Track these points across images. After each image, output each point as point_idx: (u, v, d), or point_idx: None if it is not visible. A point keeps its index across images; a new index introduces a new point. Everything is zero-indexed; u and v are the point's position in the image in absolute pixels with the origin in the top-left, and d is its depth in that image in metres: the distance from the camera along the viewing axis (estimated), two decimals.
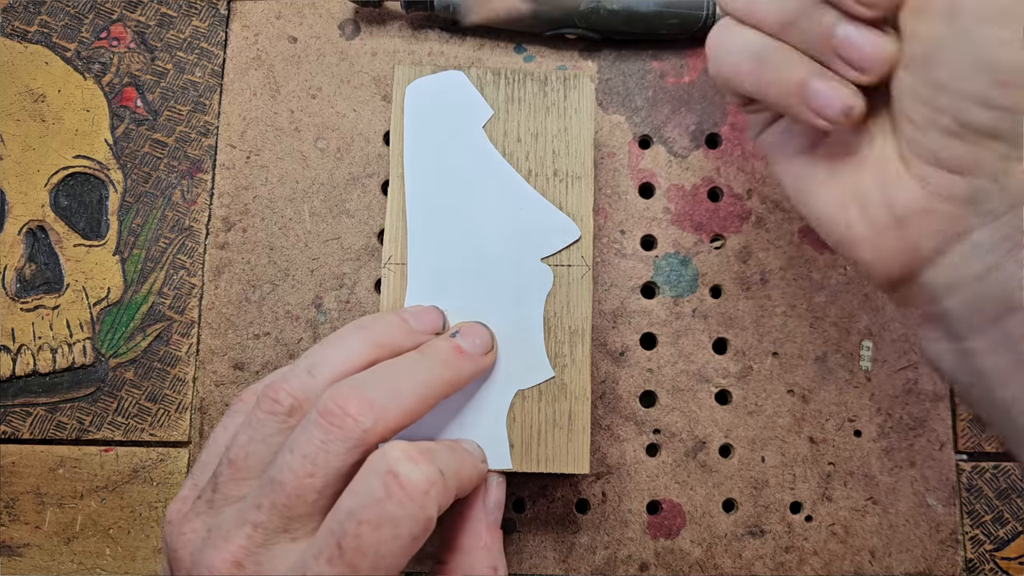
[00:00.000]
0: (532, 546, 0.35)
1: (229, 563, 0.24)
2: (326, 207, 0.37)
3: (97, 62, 0.38)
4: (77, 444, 0.35)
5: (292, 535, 0.24)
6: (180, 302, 0.36)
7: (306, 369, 0.27)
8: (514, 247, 0.32)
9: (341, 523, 0.23)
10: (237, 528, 0.24)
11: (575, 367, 0.31)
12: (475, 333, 0.30)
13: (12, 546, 0.34)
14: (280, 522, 0.24)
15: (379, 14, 0.39)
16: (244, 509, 0.25)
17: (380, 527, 0.23)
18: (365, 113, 0.38)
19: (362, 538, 0.23)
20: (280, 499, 0.24)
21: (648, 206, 0.37)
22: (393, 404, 0.26)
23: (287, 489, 0.24)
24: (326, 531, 0.24)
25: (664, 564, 0.35)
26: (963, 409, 0.36)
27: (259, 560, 0.24)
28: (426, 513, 0.24)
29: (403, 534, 0.23)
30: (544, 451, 0.31)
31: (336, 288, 0.36)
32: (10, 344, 0.36)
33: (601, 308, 0.36)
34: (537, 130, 0.33)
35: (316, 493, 0.24)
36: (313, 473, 0.24)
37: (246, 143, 0.38)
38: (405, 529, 0.23)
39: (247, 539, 0.24)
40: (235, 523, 0.25)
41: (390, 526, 0.23)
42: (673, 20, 0.37)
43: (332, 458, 0.24)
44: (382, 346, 0.28)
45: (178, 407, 0.35)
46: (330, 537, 0.23)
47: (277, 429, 0.26)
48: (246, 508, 0.25)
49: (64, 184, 0.37)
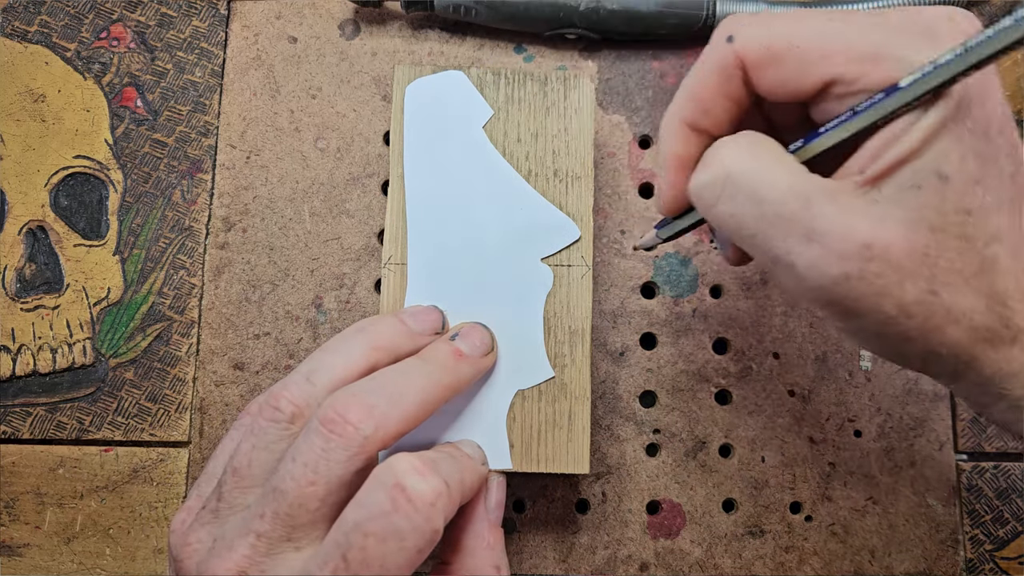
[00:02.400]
0: (532, 546, 0.35)
1: (233, 573, 0.24)
2: (326, 207, 0.37)
3: (97, 62, 0.38)
4: (77, 444, 0.35)
5: (296, 544, 0.24)
6: (180, 302, 0.36)
7: (305, 376, 0.27)
8: (514, 247, 0.32)
9: (347, 535, 0.23)
10: (241, 538, 0.24)
11: (575, 367, 0.31)
12: (475, 335, 0.30)
13: (12, 546, 0.34)
14: (283, 531, 0.24)
15: (379, 14, 0.39)
16: (248, 519, 0.25)
17: (386, 540, 0.23)
18: (365, 113, 0.38)
19: (368, 551, 0.23)
20: (283, 508, 0.24)
21: (648, 206, 0.37)
22: (394, 411, 0.26)
23: (289, 498, 0.24)
24: (331, 542, 0.24)
25: (664, 564, 0.35)
26: (963, 409, 0.36)
27: (263, 569, 0.24)
28: (432, 526, 0.24)
29: (408, 547, 0.23)
30: (544, 451, 0.31)
31: (336, 288, 0.36)
32: (10, 344, 0.36)
33: (601, 308, 0.36)
34: (537, 130, 0.33)
35: (319, 501, 0.24)
36: (315, 481, 0.24)
37: (246, 143, 0.38)
38: (411, 542, 0.23)
39: (251, 548, 0.24)
40: (239, 532, 0.25)
41: (396, 539, 0.23)
42: (673, 20, 0.37)
43: (334, 466, 0.24)
44: (381, 349, 0.28)
45: (178, 407, 0.35)
46: (336, 548, 0.23)
47: (279, 436, 0.26)
48: (250, 517, 0.25)
49: (64, 184, 0.37)
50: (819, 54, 0.23)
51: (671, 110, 0.26)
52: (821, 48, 0.23)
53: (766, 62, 0.23)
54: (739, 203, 0.23)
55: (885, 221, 0.22)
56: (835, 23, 0.23)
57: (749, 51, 0.23)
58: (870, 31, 0.22)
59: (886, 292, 0.22)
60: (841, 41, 0.22)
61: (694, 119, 0.25)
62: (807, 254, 0.22)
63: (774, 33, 0.23)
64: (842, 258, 0.22)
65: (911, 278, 0.22)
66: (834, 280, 0.22)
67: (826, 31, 0.23)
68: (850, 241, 0.22)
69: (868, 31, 0.22)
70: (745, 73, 0.24)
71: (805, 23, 0.23)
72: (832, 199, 0.22)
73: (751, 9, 0.37)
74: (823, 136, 0.23)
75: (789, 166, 0.23)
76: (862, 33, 0.22)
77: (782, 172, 0.23)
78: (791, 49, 0.23)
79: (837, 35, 0.23)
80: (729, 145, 0.24)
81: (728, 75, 0.24)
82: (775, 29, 0.23)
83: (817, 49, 0.23)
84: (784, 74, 0.23)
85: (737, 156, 0.23)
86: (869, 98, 0.22)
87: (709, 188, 0.24)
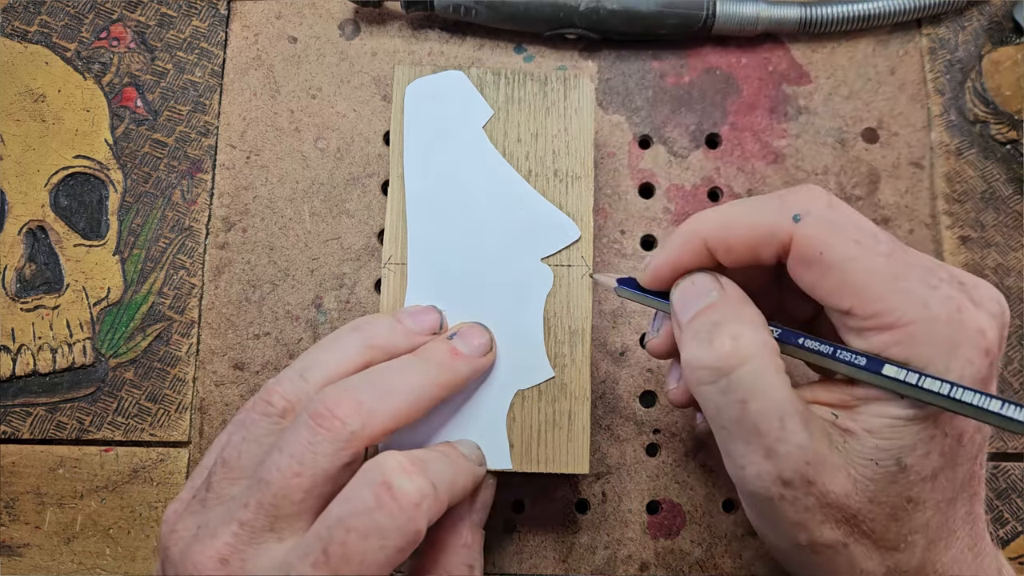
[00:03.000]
0: (532, 546, 0.35)
1: (215, 560, 0.24)
2: (326, 207, 0.37)
3: (97, 62, 0.38)
4: (77, 444, 0.35)
5: (279, 535, 0.24)
6: (180, 302, 0.36)
7: (299, 372, 0.27)
8: (514, 247, 0.32)
9: (330, 529, 0.23)
10: (224, 525, 0.25)
11: (575, 367, 0.31)
12: (473, 334, 0.30)
13: (12, 546, 0.34)
14: (266, 521, 0.24)
15: (379, 14, 0.39)
16: (232, 508, 0.25)
17: (367, 537, 0.23)
18: (365, 113, 0.38)
19: (348, 546, 0.23)
20: (267, 498, 0.24)
21: (648, 206, 0.37)
22: (383, 407, 0.26)
23: (273, 488, 0.24)
24: (314, 535, 0.24)
25: (664, 564, 0.35)
26: None
27: (244, 557, 0.24)
28: (415, 526, 0.24)
29: (389, 545, 0.23)
30: (544, 451, 0.31)
31: (336, 288, 0.36)
32: (10, 344, 0.36)
33: (601, 308, 0.36)
34: (537, 130, 0.33)
35: (303, 493, 0.24)
36: (300, 473, 0.24)
37: (246, 143, 0.38)
38: (392, 541, 0.23)
39: (233, 536, 0.24)
40: (223, 521, 0.25)
41: (377, 536, 0.23)
42: (673, 20, 0.37)
43: (320, 459, 0.24)
44: (376, 348, 0.28)
45: (178, 407, 0.35)
46: (317, 542, 0.23)
47: (269, 430, 0.26)
48: (234, 507, 0.25)
49: (64, 184, 0.37)
50: (860, 293, 0.23)
51: (701, 222, 0.26)
52: (864, 291, 0.23)
53: (811, 262, 0.24)
54: (728, 399, 0.24)
55: (837, 471, 0.23)
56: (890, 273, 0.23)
57: (804, 245, 0.24)
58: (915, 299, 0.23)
59: (806, 526, 0.24)
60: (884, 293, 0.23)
61: (715, 245, 0.26)
62: (759, 466, 0.23)
63: (836, 246, 0.24)
64: (785, 484, 0.23)
65: (834, 524, 0.23)
66: (769, 496, 0.24)
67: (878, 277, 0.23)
68: (798, 472, 0.23)
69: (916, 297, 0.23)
70: (785, 250, 0.25)
71: (869, 257, 0.23)
72: (804, 426, 0.23)
73: (751, 9, 0.37)
74: (804, 350, 0.25)
75: (783, 379, 0.24)
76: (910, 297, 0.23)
77: (777, 385, 0.23)
78: (839, 270, 0.23)
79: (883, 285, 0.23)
80: (746, 338, 0.24)
81: (768, 243, 0.25)
82: (838, 241, 0.24)
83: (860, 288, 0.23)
84: (816, 283, 0.24)
85: (748, 352, 0.24)
86: (853, 353, 0.24)
87: (708, 372, 0.24)
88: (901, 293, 0.23)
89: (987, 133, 0.38)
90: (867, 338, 0.23)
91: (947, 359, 0.22)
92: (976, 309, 0.23)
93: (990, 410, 0.21)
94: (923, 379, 0.22)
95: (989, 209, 0.37)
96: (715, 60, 0.38)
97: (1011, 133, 0.37)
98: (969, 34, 0.39)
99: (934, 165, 0.38)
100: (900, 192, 0.37)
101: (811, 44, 0.39)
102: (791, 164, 0.38)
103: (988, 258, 0.37)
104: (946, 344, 0.22)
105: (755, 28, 0.37)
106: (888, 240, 0.24)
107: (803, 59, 0.39)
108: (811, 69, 0.38)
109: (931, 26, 0.39)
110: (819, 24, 0.37)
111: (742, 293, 0.26)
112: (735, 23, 0.37)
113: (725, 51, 0.38)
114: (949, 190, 0.37)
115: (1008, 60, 0.38)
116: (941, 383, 0.22)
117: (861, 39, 0.39)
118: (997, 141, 0.38)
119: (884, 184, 0.37)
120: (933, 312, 0.22)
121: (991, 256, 0.37)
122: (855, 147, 0.38)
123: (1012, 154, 0.37)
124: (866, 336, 0.23)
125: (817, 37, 0.39)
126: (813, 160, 0.38)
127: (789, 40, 0.39)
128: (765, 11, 0.37)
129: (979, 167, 0.37)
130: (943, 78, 0.38)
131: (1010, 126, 0.38)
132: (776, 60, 0.38)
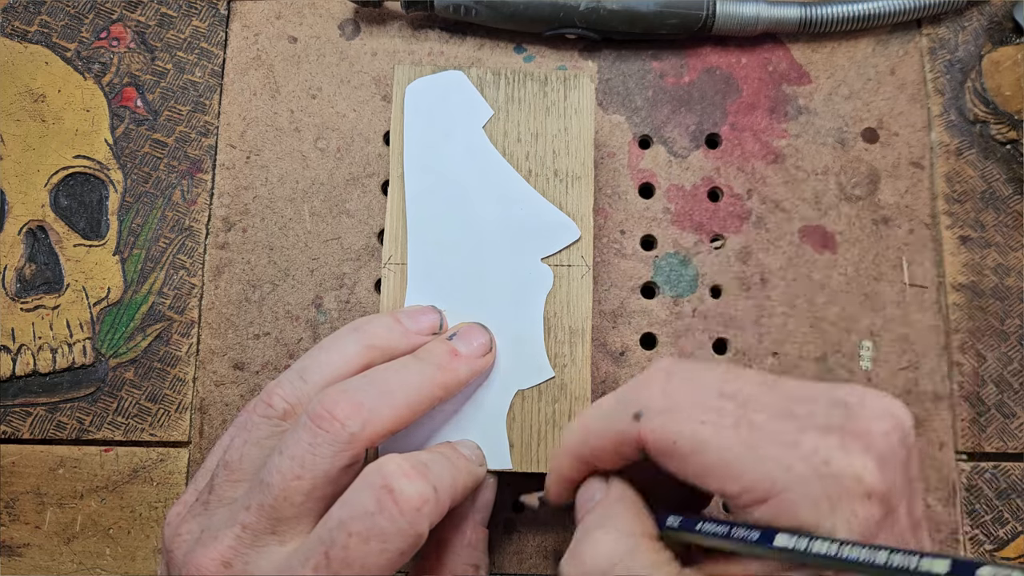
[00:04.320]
0: (532, 546, 0.35)
1: (218, 562, 0.24)
2: (326, 207, 0.37)
3: (97, 62, 0.38)
4: (77, 444, 0.35)
5: (280, 537, 0.24)
6: (180, 302, 0.36)
7: (299, 373, 0.27)
8: (514, 247, 0.32)
9: (331, 532, 0.23)
10: (227, 528, 0.25)
11: (575, 367, 0.31)
12: (473, 335, 0.30)
13: (12, 546, 0.34)
14: (268, 523, 0.24)
15: (379, 14, 0.39)
16: (235, 510, 0.25)
17: (369, 540, 0.23)
18: (365, 113, 0.38)
19: (350, 549, 0.23)
20: (268, 500, 0.24)
21: (648, 206, 0.37)
22: (383, 408, 0.26)
23: (274, 491, 0.24)
24: (315, 538, 0.24)
25: None
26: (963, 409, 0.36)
27: (247, 560, 0.24)
28: (416, 530, 0.24)
29: (391, 549, 0.23)
30: (544, 451, 0.31)
31: (336, 288, 0.36)
32: (10, 344, 0.36)
33: (601, 308, 0.36)
34: (537, 130, 0.33)
35: (303, 495, 0.24)
36: (301, 475, 0.24)
37: (246, 143, 0.38)
38: (393, 544, 0.23)
39: (236, 539, 0.24)
40: (225, 524, 0.25)
41: (378, 540, 0.23)
42: (673, 20, 0.37)
43: (320, 461, 0.24)
44: (376, 348, 0.28)
45: (178, 407, 0.35)
46: (319, 545, 0.23)
47: (270, 432, 0.27)
48: (236, 509, 0.25)
49: (64, 184, 0.37)
50: (722, 474, 0.22)
51: (568, 437, 0.26)
52: (725, 470, 0.22)
53: (668, 454, 0.23)
54: None
55: None
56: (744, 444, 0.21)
57: (653, 440, 0.23)
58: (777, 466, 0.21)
59: None
60: (745, 468, 0.21)
61: (585, 457, 0.26)
62: None
63: (683, 433, 0.22)
64: None
65: None
66: None
67: (734, 454, 0.21)
68: None
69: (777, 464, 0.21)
70: (643, 447, 0.24)
71: (718, 435, 0.22)
72: None
73: (751, 9, 0.37)
74: (703, 535, 0.23)
75: (659, 555, 0.23)
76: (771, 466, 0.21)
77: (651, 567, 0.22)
78: (695, 455, 0.22)
79: (742, 460, 0.21)
80: (604, 547, 0.23)
81: (626, 445, 0.24)
82: (684, 428, 0.22)
83: (721, 468, 0.22)
84: (682, 470, 0.23)
85: (607, 562, 0.23)
86: (747, 528, 0.22)
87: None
88: (760, 463, 0.21)
89: (987, 133, 0.38)
90: (752, 513, 0.22)
91: (831, 517, 0.20)
92: (848, 451, 0.21)
93: (877, 564, 0.19)
94: (811, 543, 0.20)
95: (989, 209, 0.37)
96: (715, 60, 0.38)
97: (1011, 133, 0.37)
98: (969, 34, 0.39)
99: (934, 165, 0.38)
100: (900, 192, 0.37)
101: (811, 44, 0.39)
102: (791, 164, 0.38)
103: (988, 258, 0.37)
104: (824, 501, 0.20)
105: (755, 28, 0.37)
106: (735, 404, 0.22)
107: (803, 59, 0.39)
108: (811, 69, 0.38)
109: (931, 26, 0.39)
110: (819, 24, 0.37)
111: (622, 493, 0.25)
112: (735, 23, 0.37)
113: (725, 51, 0.39)
114: (949, 190, 0.37)
115: (1008, 60, 0.38)
116: (829, 543, 0.20)
117: (861, 39, 0.39)
118: (997, 141, 0.38)
119: (884, 184, 0.37)
120: (799, 473, 0.21)
121: (991, 256, 0.37)
122: (855, 147, 0.38)
123: (1012, 154, 0.37)
124: (751, 511, 0.22)
125: (817, 37, 0.39)
126: (813, 160, 0.38)
127: (789, 40, 0.39)
128: (765, 11, 0.37)
129: (979, 167, 0.37)
130: (943, 78, 0.38)
131: (1010, 126, 0.38)
132: (776, 60, 0.38)
